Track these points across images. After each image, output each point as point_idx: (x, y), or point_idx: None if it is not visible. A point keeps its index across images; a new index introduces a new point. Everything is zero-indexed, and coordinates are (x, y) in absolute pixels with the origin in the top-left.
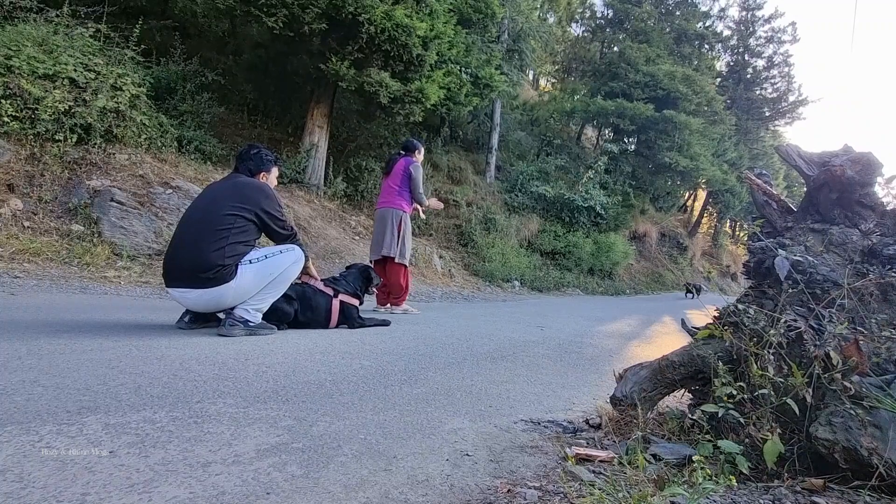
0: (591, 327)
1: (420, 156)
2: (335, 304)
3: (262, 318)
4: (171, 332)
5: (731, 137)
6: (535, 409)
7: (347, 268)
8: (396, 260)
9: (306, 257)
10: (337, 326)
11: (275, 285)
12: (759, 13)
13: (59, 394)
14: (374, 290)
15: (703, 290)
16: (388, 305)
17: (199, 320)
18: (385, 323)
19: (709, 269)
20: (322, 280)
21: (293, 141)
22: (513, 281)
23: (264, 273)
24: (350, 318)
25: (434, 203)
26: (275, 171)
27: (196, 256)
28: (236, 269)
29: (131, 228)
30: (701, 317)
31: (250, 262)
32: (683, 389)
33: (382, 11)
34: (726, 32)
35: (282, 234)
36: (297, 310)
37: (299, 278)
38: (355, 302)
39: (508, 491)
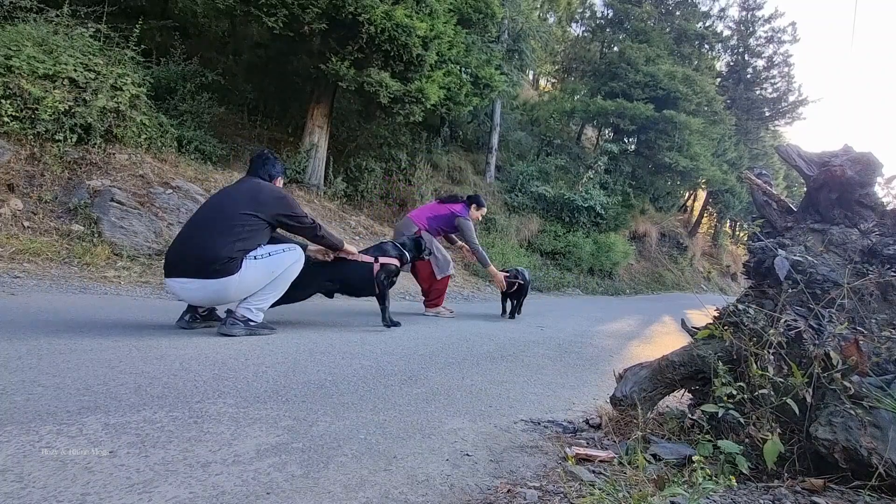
0: (591, 327)
1: (477, 213)
2: (376, 268)
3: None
4: (171, 332)
5: (731, 137)
6: (535, 409)
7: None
8: (438, 277)
9: (341, 242)
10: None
11: (276, 284)
12: (759, 13)
13: (59, 394)
14: (426, 256)
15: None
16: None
17: (200, 320)
18: (399, 325)
19: (709, 269)
20: (363, 250)
21: (293, 141)
22: None
23: (267, 271)
24: (386, 274)
25: (498, 276)
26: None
27: (205, 247)
28: (241, 262)
29: (131, 228)
30: (701, 317)
31: (255, 258)
32: (683, 389)
33: (382, 11)
34: (726, 32)
35: (306, 229)
36: (339, 287)
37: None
38: (395, 262)
39: (508, 491)
